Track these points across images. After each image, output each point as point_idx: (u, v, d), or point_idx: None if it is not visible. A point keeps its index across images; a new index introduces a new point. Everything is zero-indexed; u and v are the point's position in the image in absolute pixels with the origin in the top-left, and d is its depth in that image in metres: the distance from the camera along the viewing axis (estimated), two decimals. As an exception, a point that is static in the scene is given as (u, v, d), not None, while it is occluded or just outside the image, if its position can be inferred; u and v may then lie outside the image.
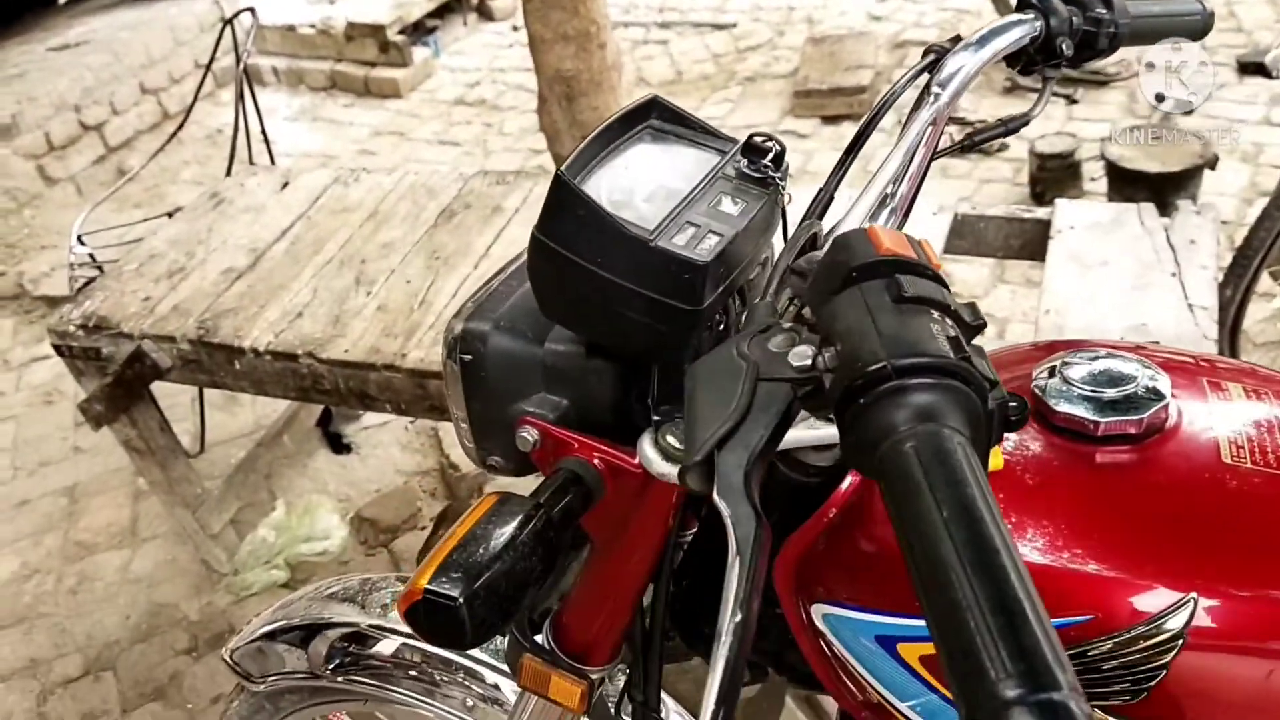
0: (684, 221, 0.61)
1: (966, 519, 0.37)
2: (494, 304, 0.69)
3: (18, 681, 2.27)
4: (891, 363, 0.42)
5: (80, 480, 2.79)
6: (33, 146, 4.10)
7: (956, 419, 0.41)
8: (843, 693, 0.76)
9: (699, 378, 0.50)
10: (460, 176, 2.33)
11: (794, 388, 0.47)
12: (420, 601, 0.55)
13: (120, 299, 2.09)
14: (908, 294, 0.45)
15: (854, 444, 0.43)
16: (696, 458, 0.46)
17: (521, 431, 0.67)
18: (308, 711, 1.22)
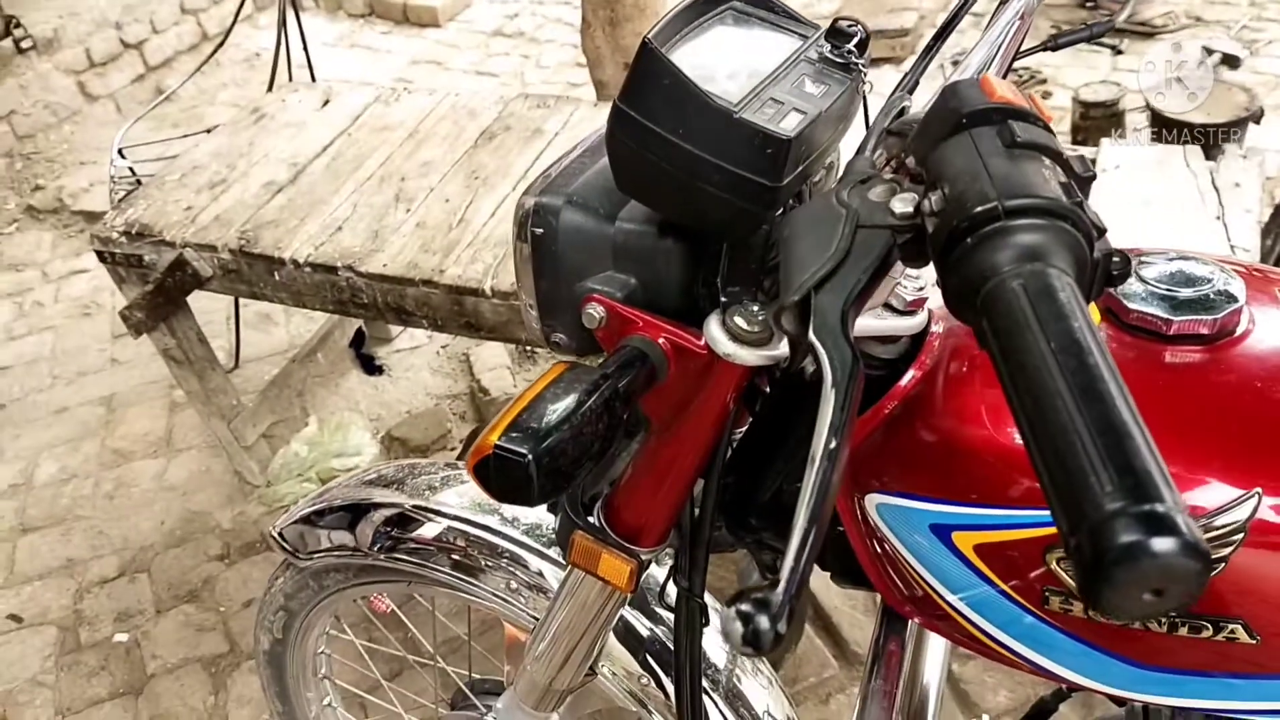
0: (768, 98, 0.61)
1: (1074, 349, 0.37)
2: (566, 179, 0.69)
3: (55, 580, 2.33)
4: (1002, 203, 0.42)
5: (117, 391, 2.84)
6: (74, 62, 4.11)
7: (1064, 260, 0.41)
8: (889, 587, 0.77)
9: (797, 224, 0.50)
10: (501, 99, 2.33)
11: (894, 235, 0.47)
12: (490, 456, 0.56)
13: (163, 208, 2.11)
14: (1020, 139, 0.45)
15: (957, 285, 0.43)
16: (794, 297, 0.46)
17: (588, 308, 0.67)
18: (351, 591, 1.24)
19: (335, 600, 1.28)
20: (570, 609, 0.89)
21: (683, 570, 0.80)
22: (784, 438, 0.78)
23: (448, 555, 1.09)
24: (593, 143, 0.71)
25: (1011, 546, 0.65)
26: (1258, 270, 0.76)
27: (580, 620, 0.89)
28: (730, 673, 1.07)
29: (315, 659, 1.43)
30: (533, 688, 0.97)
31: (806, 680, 1.93)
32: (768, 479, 0.82)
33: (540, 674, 0.95)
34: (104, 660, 2.14)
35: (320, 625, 1.37)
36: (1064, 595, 0.64)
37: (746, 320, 0.64)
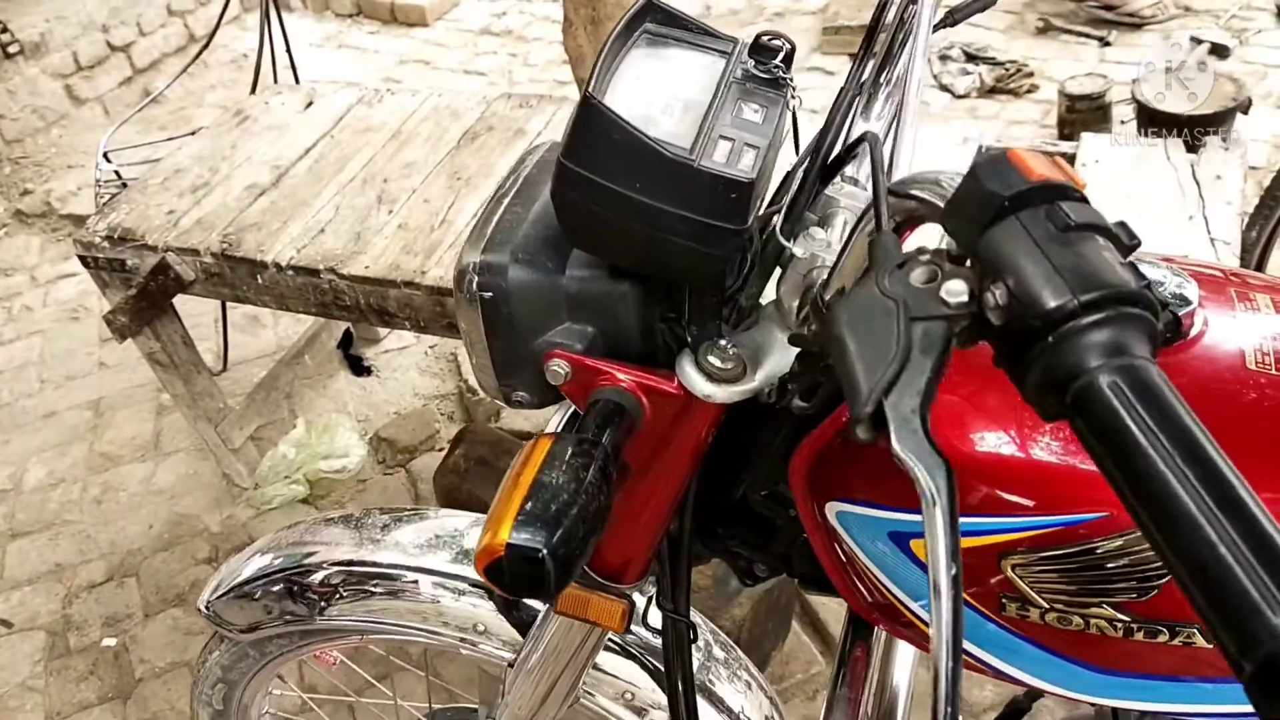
0: (716, 136, 0.59)
1: (1198, 455, 0.36)
2: (505, 234, 0.66)
3: (43, 584, 2.33)
4: (1078, 298, 0.41)
5: (105, 394, 2.84)
6: (61, 66, 4.10)
7: (1143, 346, 0.40)
8: (853, 594, 0.77)
9: (844, 322, 0.48)
10: (484, 99, 2.33)
11: (949, 324, 0.45)
12: (503, 557, 0.54)
13: (145, 212, 2.11)
14: (1074, 222, 0.43)
15: (1038, 383, 0.42)
16: (868, 409, 0.44)
17: (551, 365, 0.66)
18: (297, 653, 1.19)
19: (279, 664, 1.23)
20: (553, 649, 0.89)
21: (665, 593, 0.80)
22: (747, 446, 0.78)
23: (404, 605, 1.05)
24: (518, 188, 0.69)
25: (968, 554, 0.65)
26: (1215, 271, 0.75)
27: (563, 658, 0.89)
28: (706, 674, 1.07)
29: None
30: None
31: (794, 677, 1.93)
32: (732, 488, 0.82)
33: (522, 709, 0.95)
34: (93, 665, 2.14)
35: (264, 688, 1.31)
36: (1020, 602, 0.64)
37: (720, 359, 0.63)
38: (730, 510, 0.82)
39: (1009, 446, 0.64)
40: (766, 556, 0.86)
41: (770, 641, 1.94)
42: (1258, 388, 0.65)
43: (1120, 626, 0.62)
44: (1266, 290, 0.73)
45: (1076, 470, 0.63)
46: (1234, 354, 0.66)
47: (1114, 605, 0.62)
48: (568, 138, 0.58)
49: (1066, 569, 0.63)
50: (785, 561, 0.84)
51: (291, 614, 1.09)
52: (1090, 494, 0.62)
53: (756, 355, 0.65)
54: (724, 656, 1.07)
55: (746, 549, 0.84)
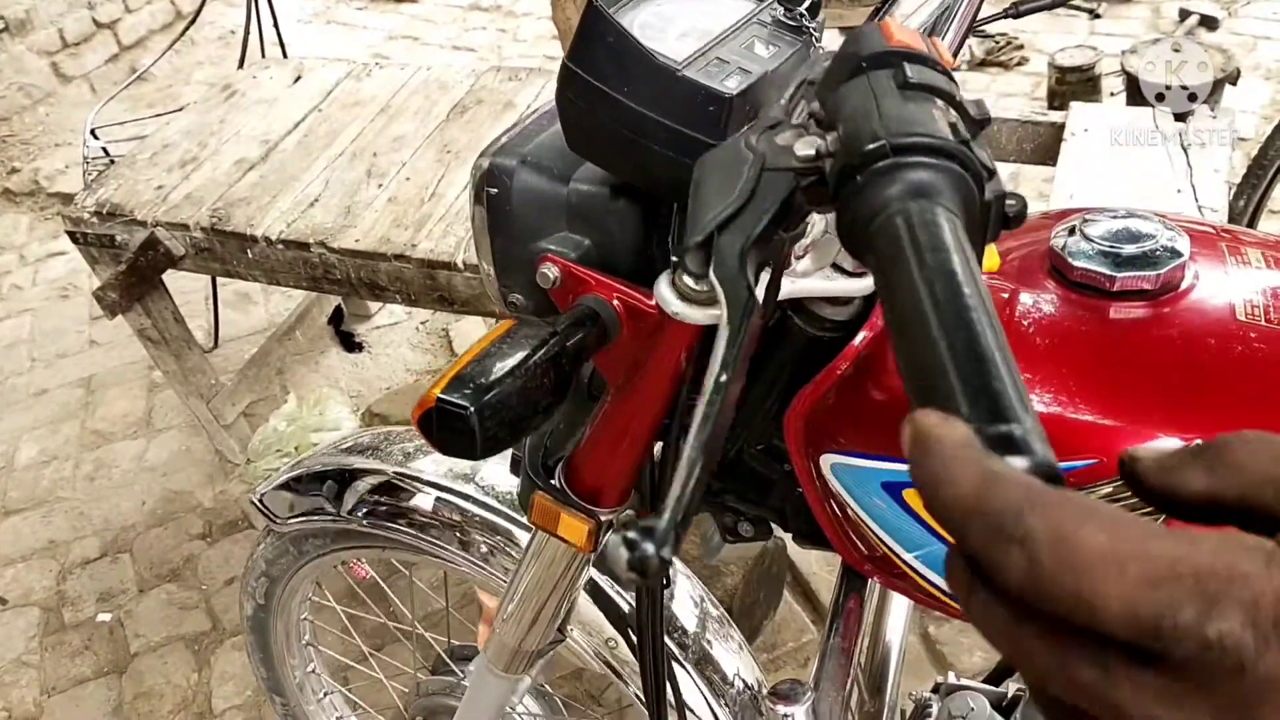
0: (714, 58, 0.61)
1: (948, 280, 0.37)
2: (522, 140, 0.69)
3: (37, 561, 2.33)
4: (890, 140, 0.42)
5: (96, 372, 2.84)
6: (46, 43, 4.07)
7: (951, 200, 0.41)
8: (847, 547, 0.78)
9: (706, 168, 0.50)
10: (473, 72, 2.32)
11: (796, 177, 0.47)
12: (433, 409, 0.56)
13: (134, 187, 2.10)
14: (913, 80, 0.45)
15: (849, 223, 0.44)
16: (696, 238, 0.47)
17: (542, 268, 0.68)
18: (329, 556, 1.26)
19: (315, 567, 1.30)
20: (536, 570, 0.90)
21: None
22: (742, 398, 0.78)
23: (423, 522, 1.11)
24: (551, 107, 0.71)
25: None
26: (1209, 227, 0.76)
27: (546, 581, 0.90)
28: (699, 637, 1.08)
29: (299, 625, 1.45)
30: (502, 650, 0.98)
31: (785, 645, 1.95)
32: (728, 441, 0.83)
33: (509, 636, 0.96)
34: (88, 640, 2.15)
35: (302, 592, 1.38)
36: (1009, 549, 0.65)
37: (695, 280, 0.64)
38: (726, 466, 0.83)
39: None
40: (762, 511, 0.86)
41: (762, 610, 1.95)
42: (1247, 340, 0.66)
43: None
44: (1258, 246, 0.74)
45: (1066, 419, 0.63)
46: (1224, 307, 0.67)
47: None
48: (574, 40, 0.60)
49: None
50: (780, 516, 0.85)
51: (325, 511, 1.16)
52: (1079, 442, 0.62)
53: None
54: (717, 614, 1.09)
55: (742, 503, 0.85)
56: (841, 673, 0.82)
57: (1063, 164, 1.80)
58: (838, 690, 0.81)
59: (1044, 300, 0.68)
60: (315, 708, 1.54)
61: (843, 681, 0.82)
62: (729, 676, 1.07)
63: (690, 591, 1.10)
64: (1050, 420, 0.63)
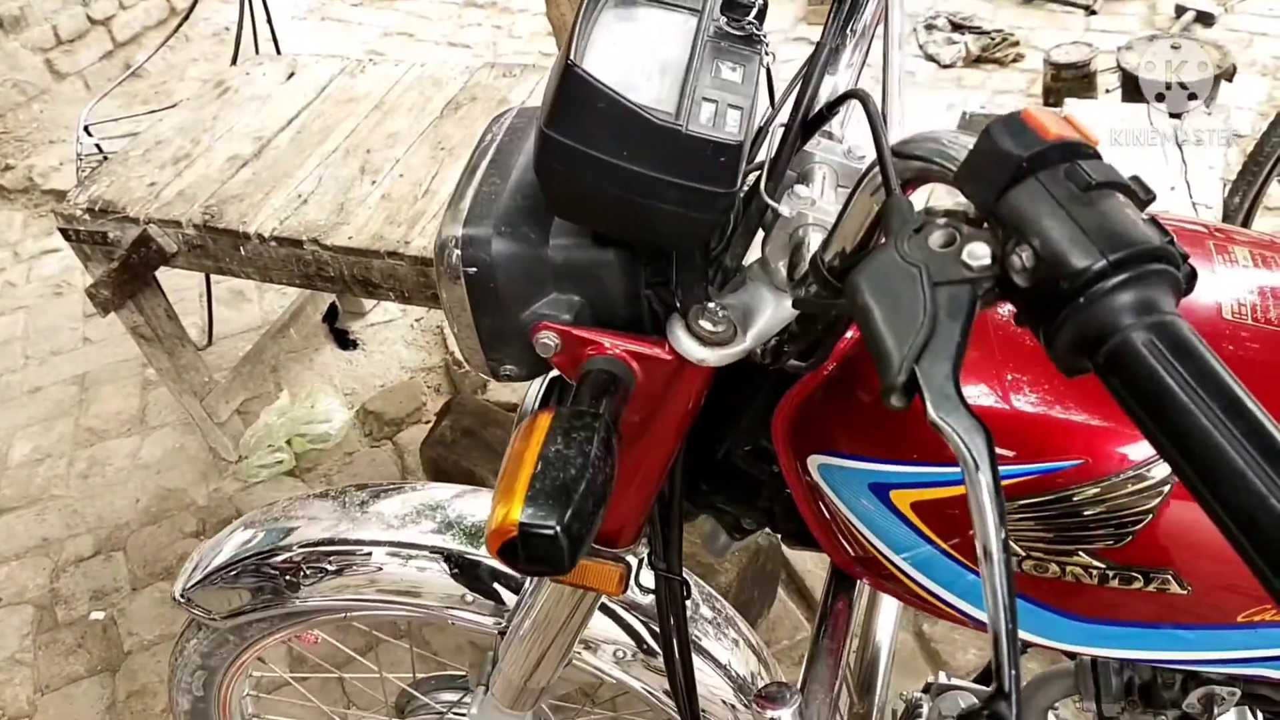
0: (699, 98, 0.58)
1: (1239, 408, 0.37)
2: (485, 206, 0.64)
3: (31, 559, 2.33)
4: (1108, 258, 0.41)
5: (90, 370, 2.83)
6: (41, 40, 4.06)
7: (1170, 303, 0.41)
8: (836, 548, 0.78)
9: (867, 290, 0.48)
10: (467, 69, 2.31)
11: (973, 287, 0.45)
12: (516, 537, 0.54)
13: (126, 184, 2.09)
14: (1094, 180, 0.43)
15: (1070, 343, 0.42)
16: (901, 378, 0.44)
17: (540, 338, 0.65)
18: (278, 635, 1.18)
19: (260, 647, 1.22)
20: (546, 615, 0.89)
21: (658, 553, 0.80)
22: (730, 403, 0.78)
23: (386, 579, 1.05)
24: (493, 156, 0.68)
25: (947, 504, 0.65)
26: (1198, 226, 0.76)
27: (556, 623, 0.89)
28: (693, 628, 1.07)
29: (242, 703, 1.36)
30: (509, 687, 0.97)
31: (780, 643, 1.95)
32: (716, 445, 0.83)
33: (516, 674, 0.95)
34: (81, 638, 2.14)
35: (245, 670, 1.29)
36: (997, 550, 0.64)
37: (711, 322, 0.62)
38: (714, 467, 0.82)
39: (990, 398, 0.64)
40: (751, 512, 0.86)
41: (756, 608, 1.95)
42: (1233, 338, 0.65)
43: (1096, 574, 0.63)
44: (1247, 245, 0.74)
45: (1054, 419, 0.63)
46: (1210, 306, 0.67)
47: (1090, 552, 0.63)
48: (550, 106, 0.56)
49: (1044, 516, 0.63)
50: (769, 517, 0.85)
51: (270, 597, 1.08)
52: (1067, 442, 0.62)
53: (745, 316, 0.65)
54: (712, 615, 1.08)
55: (731, 505, 0.85)
56: (830, 674, 0.82)
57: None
58: (826, 692, 0.81)
59: None
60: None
61: (831, 683, 0.81)
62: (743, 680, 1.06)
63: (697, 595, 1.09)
64: (1038, 421, 0.63)
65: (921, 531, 0.68)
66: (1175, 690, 0.82)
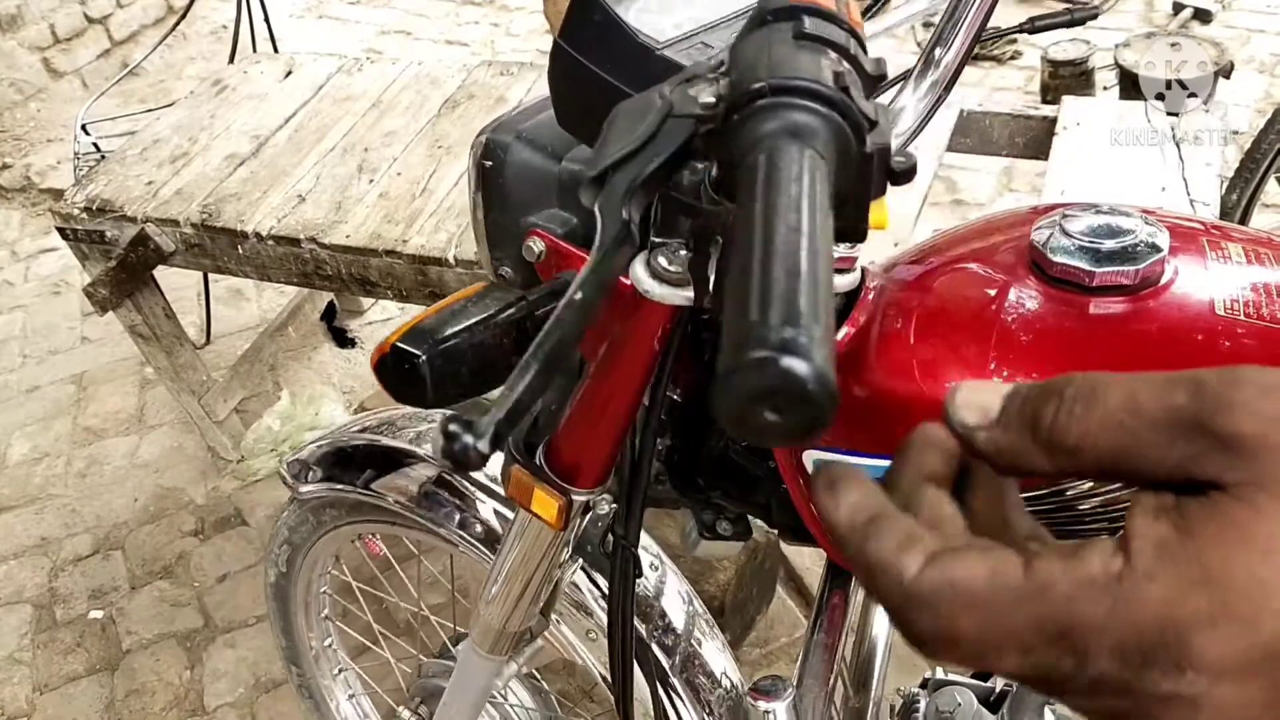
0: (698, 42, 0.62)
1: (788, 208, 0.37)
2: (521, 118, 0.72)
3: (29, 558, 2.33)
4: (769, 82, 0.42)
5: (88, 369, 2.83)
6: (38, 38, 4.05)
7: (825, 146, 0.41)
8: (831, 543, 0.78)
9: (619, 113, 0.51)
10: (464, 67, 2.31)
11: (696, 123, 0.47)
12: (388, 355, 0.59)
13: (123, 183, 2.09)
14: (808, 31, 0.46)
15: (727, 164, 0.44)
16: (591, 173, 0.48)
17: (529, 242, 0.70)
18: (345, 528, 1.29)
19: (333, 537, 1.33)
20: (518, 551, 0.91)
21: (620, 520, 0.81)
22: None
23: (429, 499, 1.13)
24: None
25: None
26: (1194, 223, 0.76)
27: (528, 561, 0.90)
28: (689, 635, 1.08)
29: (318, 598, 1.48)
30: (487, 630, 0.98)
31: (779, 640, 1.95)
32: (712, 438, 0.83)
33: (493, 617, 0.96)
34: (79, 637, 2.15)
35: (322, 563, 1.42)
36: (992, 544, 0.65)
37: (668, 260, 0.64)
38: (711, 461, 0.83)
39: None
40: (747, 508, 0.86)
41: (755, 606, 1.95)
42: (1227, 334, 0.65)
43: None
44: (1242, 241, 0.74)
45: None
46: (1204, 302, 0.67)
47: None
48: (565, 19, 0.61)
49: (1038, 510, 0.63)
50: (766, 512, 0.85)
51: (341, 479, 1.20)
52: None
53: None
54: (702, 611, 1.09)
55: (728, 500, 0.85)
56: (825, 669, 0.82)
57: (1055, 158, 1.80)
58: (821, 686, 0.81)
59: (1025, 295, 0.68)
60: (330, 682, 1.57)
61: (826, 677, 0.81)
62: (716, 676, 1.07)
63: (679, 589, 1.09)
64: None
65: (917, 526, 0.68)
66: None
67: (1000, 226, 0.77)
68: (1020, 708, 0.95)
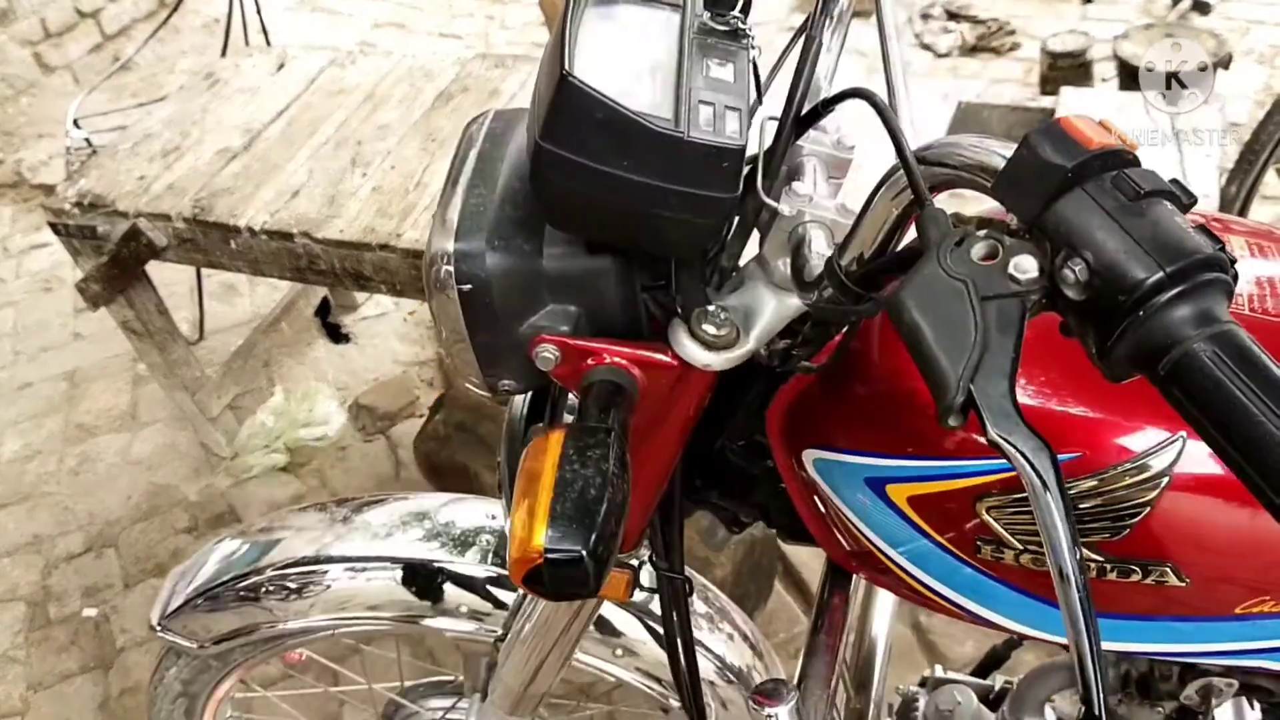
0: (695, 102, 0.57)
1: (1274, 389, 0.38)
2: (474, 219, 0.62)
3: (22, 556, 2.32)
4: (1165, 270, 0.41)
5: (80, 366, 2.81)
6: (29, 33, 4.03)
7: (1225, 310, 0.42)
8: (831, 542, 0.77)
9: (914, 308, 0.47)
10: (458, 60, 2.30)
11: (1022, 301, 0.45)
12: (541, 565, 0.51)
13: (115, 178, 2.07)
14: (1143, 190, 0.43)
15: (1129, 355, 0.43)
16: (959, 398, 0.44)
17: (539, 351, 0.62)
18: (263, 656, 1.16)
19: (243, 670, 1.19)
20: (545, 621, 0.88)
21: (659, 553, 0.80)
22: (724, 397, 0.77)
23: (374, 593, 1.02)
24: (476, 165, 0.65)
25: (944, 498, 0.64)
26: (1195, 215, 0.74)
27: (557, 629, 0.89)
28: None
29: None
30: (509, 694, 0.96)
31: (777, 636, 1.94)
32: (711, 440, 0.82)
33: (516, 682, 0.94)
34: (73, 635, 2.13)
35: (226, 694, 1.25)
36: (995, 544, 0.64)
37: (714, 325, 0.61)
38: (709, 462, 0.81)
39: None
40: (746, 508, 0.85)
41: (752, 602, 1.94)
42: None
43: (1095, 566, 0.62)
44: (1245, 234, 0.73)
45: (1051, 412, 0.62)
46: None
47: (1087, 545, 0.62)
48: (546, 118, 0.55)
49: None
50: (764, 512, 0.84)
51: (253, 622, 1.05)
52: (1064, 435, 0.61)
53: (747, 317, 0.64)
54: (706, 610, 1.07)
55: (725, 501, 0.84)
56: (827, 670, 0.81)
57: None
58: (823, 688, 0.80)
59: None
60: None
61: (828, 679, 0.80)
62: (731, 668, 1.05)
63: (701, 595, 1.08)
64: (1035, 414, 0.62)
65: (918, 526, 0.67)
66: (1173, 682, 0.81)
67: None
68: (1020, 705, 0.94)
